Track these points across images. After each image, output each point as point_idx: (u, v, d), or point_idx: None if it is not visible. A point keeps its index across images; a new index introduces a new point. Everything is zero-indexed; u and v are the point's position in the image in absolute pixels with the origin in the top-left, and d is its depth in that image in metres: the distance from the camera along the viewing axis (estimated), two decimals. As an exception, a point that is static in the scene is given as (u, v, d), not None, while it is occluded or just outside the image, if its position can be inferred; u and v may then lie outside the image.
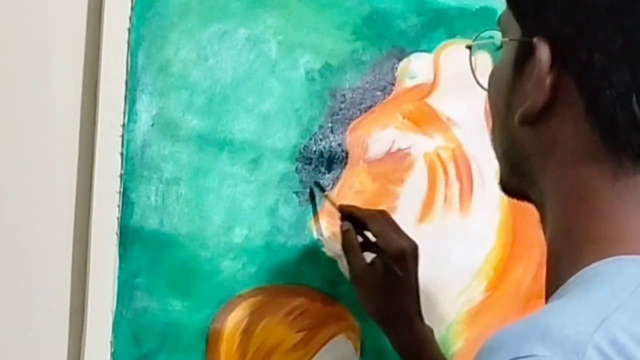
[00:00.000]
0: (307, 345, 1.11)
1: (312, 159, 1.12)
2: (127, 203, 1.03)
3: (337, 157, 1.13)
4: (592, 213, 0.69)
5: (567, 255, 0.70)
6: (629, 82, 0.67)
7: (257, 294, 1.09)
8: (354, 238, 1.07)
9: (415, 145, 1.17)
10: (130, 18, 1.02)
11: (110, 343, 1.02)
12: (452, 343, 1.19)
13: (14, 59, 1.00)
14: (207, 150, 1.07)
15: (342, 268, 1.12)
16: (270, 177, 1.10)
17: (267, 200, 1.09)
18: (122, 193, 1.02)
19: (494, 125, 0.79)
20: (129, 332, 1.03)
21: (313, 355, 1.12)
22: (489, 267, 1.22)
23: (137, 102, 1.03)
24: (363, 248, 1.08)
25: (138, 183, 1.04)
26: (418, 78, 1.18)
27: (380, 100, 1.16)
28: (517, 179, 0.77)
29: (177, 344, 1.05)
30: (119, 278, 1.03)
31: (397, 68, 1.17)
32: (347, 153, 1.14)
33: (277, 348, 1.10)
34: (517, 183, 0.78)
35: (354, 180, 1.14)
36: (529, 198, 0.77)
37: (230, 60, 1.08)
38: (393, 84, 1.16)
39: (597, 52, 0.68)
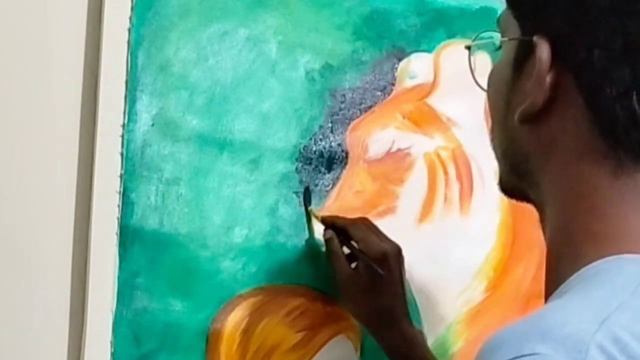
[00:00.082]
0: (307, 345, 1.11)
1: (312, 159, 1.12)
2: (127, 203, 1.03)
3: (337, 157, 1.13)
4: (592, 211, 0.69)
5: (567, 254, 0.70)
6: (629, 80, 0.67)
7: (257, 294, 1.09)
8: (337, 245, 1.07)
9: (415, 145, 1.17)
10: (130, 18, 1.02)
11: (110, 343, 1.02)
12: (452, 343, 1.19)
13: (14, 59, 1.00)
14: (207, 150, 1.07)
15: (342, 268, 1.12)
16: (270, 177, 1.10)
17: (267, 200, 1.09)
18: (122, 193, 1.02)
19: (493, 125, 0.79)
20: (129, 332, 1.03)
21: (313, 355, 1.12)
22: (489, 267, 1.22)
23: (137, 102, 1.03)
24: (348, 255, 1.08)
25: (138, 183, 1.03)
26: (418, 78, 1.18)
27: (380, 100, 1.16)
28: (516, 179, 0.77)
29: (177, 344, 1.05)
30: (119, 278, 1.02)
31: (397, 68, 1.17)
32: (347, 153, 1.14)
33: (277, 348, 1.10)
34: (516, 183, 0.77)
35: (354, 180, 1.14)
36: (529, 198, 0.77)
37: (230, 60, 1.08)
38: (393, 84, 1.16)
39: (597, 50, 0.68)
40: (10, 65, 1.00)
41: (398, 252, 1.07)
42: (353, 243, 1.08)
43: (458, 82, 0.86)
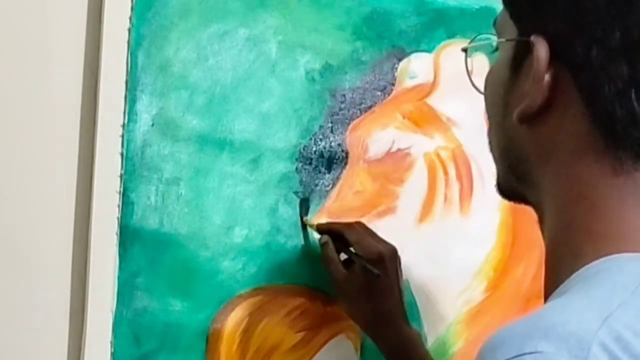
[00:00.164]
0: (307, 345, 1.11)
1: (312, 159, 1.12)
2: (127, 203, 1.03)
3: (337, 157, 1.13)
4: (592, 210, 0.69)
5: (566, 254, 0.70)
6: (628, 78, 0.67)
7: (257, 294, 1.09)
8: (331, 250, 1.07)
9: (415, 145, 1.17)
10: (130, 18, 1.02)
11: (110, 343, 1.02)
12: (452, 343, 1.19)
13: (14, 59, 1.00)
14: (207, 150, 1.07)
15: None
16: (270, 177, 1.10)
17: (267, 200, 1.09)
18: (122, 193, 1.02)
19: (491, 127, 0.78)
20: (129, 332, 1.03)
21: (313, 355, 1.12)
22: (489, 267, 1.22)
23: (137, 102, 1.03)
24: (345, 261, 1.08)
25: (138, 183, 1.03)
26: (418, 78, 1.18)
27: (380, 100, 1.16)
28: (514, 180, 0.77)
29: (177, 344, 1.05)
30: (119, 278, 1.02)
31: (397, 68, 1.17)
32: (347, 153, 1.14)
33: (277, 348, 1.10)
34: (515, 184, 0.77)
35: (354, 180, 1.14)
36: (527, 200, 0.77)
37: (230, 60, 1.08)
38: (393, 84, 1.16)
39: (595, 48, 0.68)
40: (10, 65, 1.00)
41: (394, 253, 1.07)
42: (350, 249, 1.08)
43: (458, 82, 0.85)
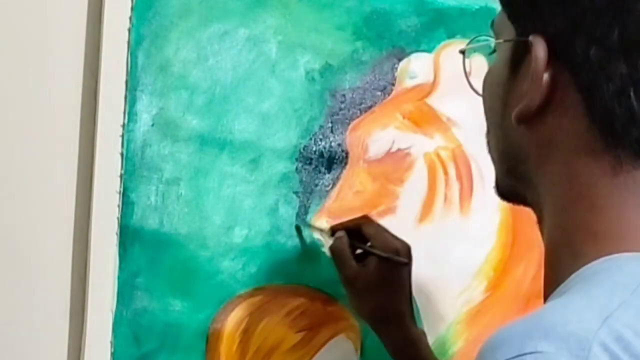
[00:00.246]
0: (307, 345, 1.11)
1: (312, 159, 1.12)
2: (127, 203, 1.03)
3: (337, 157, 1.13)
4: (591, 210, 0.69)
5: (566, 254, 0.69)
6: (627, 76, 0.67)
7: (257, 294, 1.09)
8: (345, 243, 1.06)
9: (415, 145, 1.17)
10: (130, 18, 1.02)
11: (110, 343, 1.02)
12: (452, 343, 1.19)
13: (14, 59, 1.00)
14: (207, 150, 1.07)
15: (342, 268, 1.12)
16: (270, 177, 1.10)
17: (267, 200, 1.09)
18: (122, 193, 1.02)
19: (490, 128, 0.78)
20: (129, 332, 1.03)
21: (313, 355, 1.12)
22: (489, 267, 1.22)
23: (137, 102, 1.03)
24: (358, 255, 1.07)
25: (138, 183, 1.04)
26: (418, 78, 1.18)
27: (380, 100, 1.16)
28: (513, 181, 0.77)
29: (177, 344, 1.05)
30: (119, 278, 1.02)
31: (397, 68, 1.17)
32: (347, 153, 1.14)
33: (277, 348, 1.10)
34: (514, 185, 0.77)
35: (354, 180, 1.14)
36: (526, 201, 0.76)
37: (230, 60, 1.08)
38: (393, 84, 1.16)
39: (593, 46, 0.67)
40: (10, 65, 1.00)
41: (408, 250, 1.06)
42: (366, 244, 1.07)
43: (458, 82, 0.85)
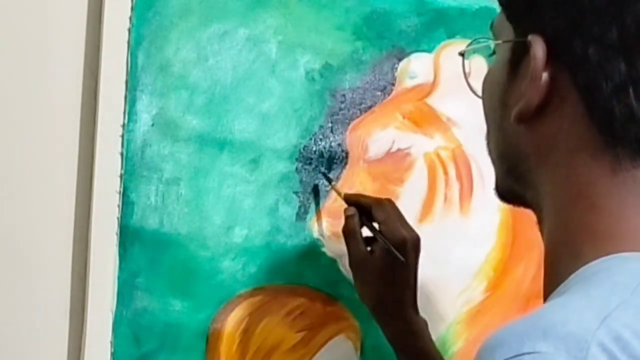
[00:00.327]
0: (307, 345, 1.11)
1: (312, 159, 1.12)
2: (127, 203, 1.03)
3: (337, 157, 1.13)
4: (590, 209, 0.69)
5: (565, 254, 0.69)
6: (625, 75, 0.67)
7: (257, 294, 1.09)
8: (356, 224, 1.05)
9: (415, 145, 1.17)
10: (130, 18, 1.02)
11: (110, 343, 1.02)
12: (452, 343, 1.19)
13: (14, 59, 1.00)
14: (207, 150, 1.07)
15: (342, 268, 1.12)
16: (270, 177, 1.10)
17: (267, 200, 1.09)
18: (122, 193, 1.02)
19: (489, 129, 0.78)
20: (129, 332, 1.03)
21: (313, 355, 1.12)
22: (489, 267, 1.22)
23: (137, 102, 1.03)
24: (366, 237, 1.06)
25: (138, 183, 1.04)
26: (418, 78, 1.18)
27: (380, 100, 1.16)
28: (513, 182, 0.77)
29: (177, 344, 1.05)
30: (119, 278, 1.03)
31: (397, 68, 1.17)
32: (347, 153, 1.14)
33: (277, 348, 1.10)
34: (513, 186, 0.77)
35: (354, 180, 1.14)
36: (526, 202, 0.76)
37: (230, 60, 1.08)
38: (393, 84, 1.16)
39: (592, 45, 0.67)
40: (10, 65, 1.00)
41: (417, 240, 1.05)
42: (374, 225, 1.06)
43: (458, 82, 0.85)
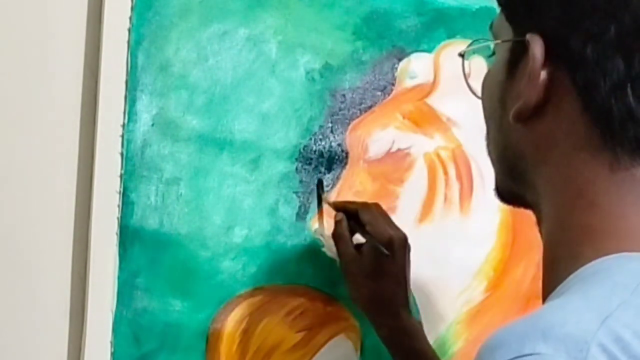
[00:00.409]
0: (307, 345, 1.11)
1: (312, 159, 1.12)
2: (127, 203, 1.03)
3: (337, 157, 1.13)
4: (590, 208, 0.68)
5: (565, 253, 0.69)
6: (624, 73, 0.67)
7: (257, 294, 1.09)
8: (345, 228, 1.07)
9: (415, 145, 1.17)
10: (130, 18, 1.02)
11: (110, 343, 1.02)
12: (452, 343, 1.19)
13: (14, 59, 1.00)
14: (207, 150, 1.07)
15: (342, 268, 1.12)
16: (270, 177, 1.10)
17: (267, 200, 1.10)
18: (122, 193, 1.02)
19: (489, 129, 0.78)
20: (129, 332, 1.03)
21: (313, 355, 1.12)
22: (489, 267, 1.22)
23: (137, 102, 1.03)
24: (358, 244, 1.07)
25: (138, 183, 1.04)
26: (418, 78, 1.18)
27: (380, 100, 1.16)
28: (512, 182, 0.76)
29: (177, 344, 1.05)
30: (119, 278, 1.03)
31: (397, 68, 1.17)
32: (347, 153, 1.14)
33: (277, 348, 1.10)
34: (513, 186, 0.77)
35: (354, 180, 1.14)
36: (525, 202, 0.76)
37: (230, 60, 1.08)
38: (393, 84, 1.16)
39: (590, 43, 0.67)
40: (11, 65, 1.00)
41: (404, 239, 1.07)
42: (362, 229, 1.07)
43: (458, 82, 0.85)
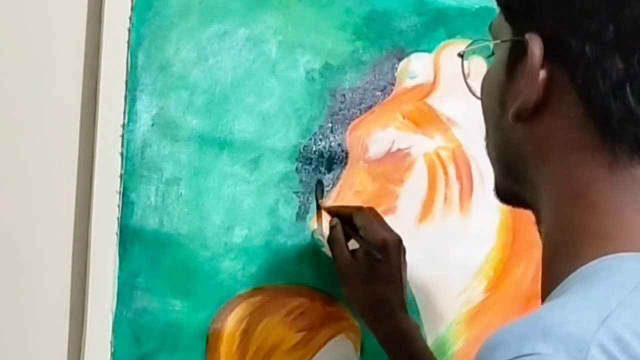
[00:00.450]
0: (307, 345, 1.11)
1: (312, 159, 1.12)
2: (127, 203, 1.03)
3: (337, 157, 1.13)
4: (588, 208, 0.68)
5: (564, 254, 0.69)
6: (622, 72, 0.66)
7: (257, 294, 1.09)
8: (339, 232, 1.07)
9: (415, 145, 1.17)
10: (130, 18, 1.02)
11: (110, 343, 1.02)
12: (452, 343, 1.19)
13: (14, 59, 1.00)
14: (207, 150, 1.07)
15: (342, 268, 1.12)
16: (270, 177, 1.10)
17: (267, 200, 1.10)
18: (122, 193, 1.02)
19: (488, 130, 0.78)
20: (129, 332, 1.03)
21: (313, 355, 1.12)
22: (489, 267, 1.22)
23: (137, 102, 1.03)
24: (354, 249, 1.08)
25: (138, 183, 1.04)
26: (418, 78, 1.18)
27: (380, 100, 1.16)
28: (512, 183, 0.76)
29: (177, 344, 1.05)
30: (119, 278, 1.03)
31: (397, 68, 1.17)
32: (347, 153, 1.14)
33: (277, 348, 1.10)
34: (512, 186, 0.77)
35: (354, 180, 1.14)
36: (525, 202, 0.76)
37: (230, 60, 1.08)
38: (393, 84, 1.16)
39: (589, 42, 0.67)
40: (11, 65, 1.00)
41: (398, 242, 1.07)
42: (357, 233, 1.07)
43: (458, 82, 0.85)
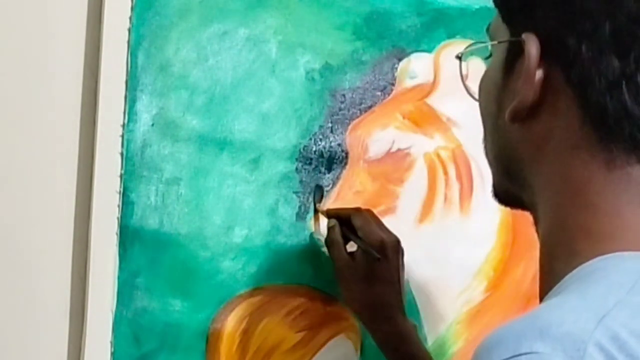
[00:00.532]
0: (307, 345, 1.12)
1: (312, 159, 1.12)
2: (127, 203, 1.03)
3: (337, 157, 1.13)
4: (586, 207, 0.68)
5: (562, 253, 0.69)
6: (619, 71, 0.66)
7: (257, 294, 1.09)
8: (337, 233, 1.08)
9: (415, 145, 1.17)
10: (130, 18, 1.02)
11: (110, 343, 1.02)
12: (452, 343, 1.19)
13: (14, 59, 1.00)
14: (207, 150, 1.07)
15: (342, 268, 1.12)
16: (270, 177, 1.10)
17: (267, 200, 1.10)
18: (122, 193, 1.02)
19: (486, 130, 0.78)
20: (129, 332, 1.03)
21: (313, 355, 1.12)
22: (489, 267, 1.22)
23: (137, 102, 1.04)
24: (349, 243, 1.08)
25: (138, 183, 1.04)
26: (418, 78, 1.18)
27: (380, 100, 1.16)
28: (509, 183, 0.77)
29: (177, 344, 1.05)
30: (119, 278, 1.03)
31: (397, 68, 1.17)
32: (347, 153, 1.14)
33: (277, 348, 1.10)
34: (509, 187, 0.77)
35: (354, 180, 1.14)
36: (523, 203, 0.76)
37: (230, 60, 1.08)
38: (393, 84, 1.16)
39: (585, 41, 0.67)
40: (11, 65, 1.00)
41: (396, 243, 1.07)
42: (355, 234, 1.07)
43: (458, 82, 0.86)
